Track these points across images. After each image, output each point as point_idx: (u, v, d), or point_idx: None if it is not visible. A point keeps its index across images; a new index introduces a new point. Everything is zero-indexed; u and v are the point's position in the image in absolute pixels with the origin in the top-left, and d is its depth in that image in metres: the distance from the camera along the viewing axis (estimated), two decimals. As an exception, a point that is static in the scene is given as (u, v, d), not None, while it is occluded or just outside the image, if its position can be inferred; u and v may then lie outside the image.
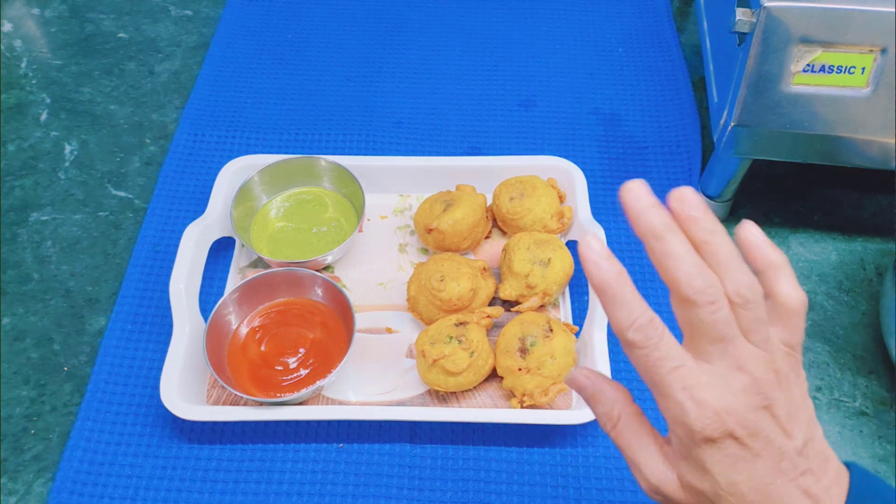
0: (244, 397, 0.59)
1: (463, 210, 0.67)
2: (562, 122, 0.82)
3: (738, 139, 0.63)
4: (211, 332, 0.61)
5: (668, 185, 0.76)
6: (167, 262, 0.68)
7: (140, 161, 0.79)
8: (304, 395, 0.59)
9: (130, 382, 0.63)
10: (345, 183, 0.72)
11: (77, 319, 0.67)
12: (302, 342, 0.62)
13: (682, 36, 0.91)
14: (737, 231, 0.37)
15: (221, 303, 0.62)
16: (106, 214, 0.75)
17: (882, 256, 0.71)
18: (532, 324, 0.60)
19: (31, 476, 0.59)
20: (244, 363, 0.62)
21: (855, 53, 0.57)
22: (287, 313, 0.65)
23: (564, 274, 0.64)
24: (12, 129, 0.81)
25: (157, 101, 0.85)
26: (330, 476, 0.58)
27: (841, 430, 0.61)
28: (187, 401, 0.58)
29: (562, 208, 0.69)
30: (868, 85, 0.58)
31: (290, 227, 0.71)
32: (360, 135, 0.80)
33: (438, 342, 0.59)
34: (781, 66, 0.58)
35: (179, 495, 0.57)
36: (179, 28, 0.92)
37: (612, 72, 0.87)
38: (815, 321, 0.67)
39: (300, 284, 0.65)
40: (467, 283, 0.62)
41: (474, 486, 0.57)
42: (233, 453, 0.59)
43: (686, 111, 0.81)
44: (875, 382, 0.63)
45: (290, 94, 0.84)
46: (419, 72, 0.87)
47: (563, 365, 0.59)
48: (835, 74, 0.58)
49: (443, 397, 0.61)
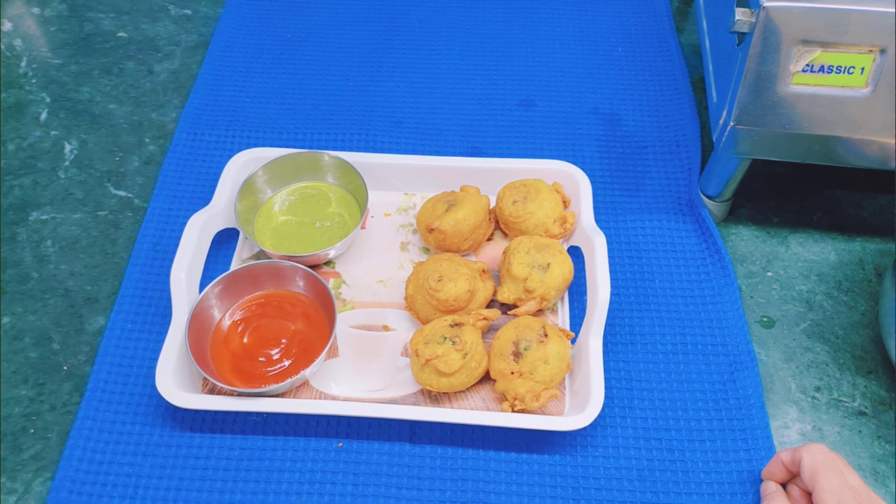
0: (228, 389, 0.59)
1: (465, 211, 0.67)
2: (562, 121, 0.82)
3: (738, 139, 0.63)
4: (193, 325, 0.61)
5: (667, 184, 0.76)
6: (167, 261, 0.68)
7: (139, 160, 0.79)
8: (288, 384, 0.59)
9: (130, 381, 0.63)
10: (349, 179, 0.72)
11: (76, 319, 0.67)
12: (284, 333, 0.63)
13: (682, 36, 0.91)
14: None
15: (203, 296, 0.63)
16: (105, 214, 0.75)
17: (881, 256, 0.71)
18: (527, 328, 0.60)
19: (31, 475, 0.59)
20: (227, 356, 0.62)
21: (854, 53, 0.57)
22: (268, 305, 0.65)
23: (563, 279, 0.64)
24: (12, 129, 0.81)
25: (156, 100, 0.85)
26: (329, 476, 0.58)
27: (840, 430, 0.61)
28: (183, 390, 0.59)
29: (565, 213, 0.69)
30: (867, 85, 0.58)
31: (294, 221, 0.71)
32: (360, 134, 0.80)
33: (432, 342, 0.59)
34: (781, 66, 0.58)
35: (179, 494, 0.57)
36: (179, 27, 0.92)
37: (612, 72, 0.87)
38: (814, 321, 0.67)
39: (282, 276, 0.66)
40: (465, 285, 0.62)
41: (473, 486, 0.57)
42: (231, 452, 0.59)
43: (686, 111, 0.81)
44: (874, 382, 0.63)
45: (290, 94, 0.84)
46: (419, 71, 0.87)
47: (556, 370, 0.59)
48: (834, 74, 0.58)
49: (435, 397, 0.61)
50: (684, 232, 0.72)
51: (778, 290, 0.69)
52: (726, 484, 0.57)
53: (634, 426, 0.60)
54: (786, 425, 0.61)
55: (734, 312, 0.66)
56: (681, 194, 0.75)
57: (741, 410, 0.61)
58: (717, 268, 0.69)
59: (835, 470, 0.51)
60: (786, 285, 0.69)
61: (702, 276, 0.69)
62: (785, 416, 0.61)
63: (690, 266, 0.69)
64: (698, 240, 0.71)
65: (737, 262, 0.71)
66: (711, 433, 0.60)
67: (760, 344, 0.66)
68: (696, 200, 0.73)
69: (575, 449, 0.59)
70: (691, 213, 0.73)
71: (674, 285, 0.68)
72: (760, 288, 0.69)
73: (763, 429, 0.60)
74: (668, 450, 0.59)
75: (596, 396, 0.57)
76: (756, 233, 0.73)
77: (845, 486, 0.50)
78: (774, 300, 0.68)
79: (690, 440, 0.59)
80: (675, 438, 0.59)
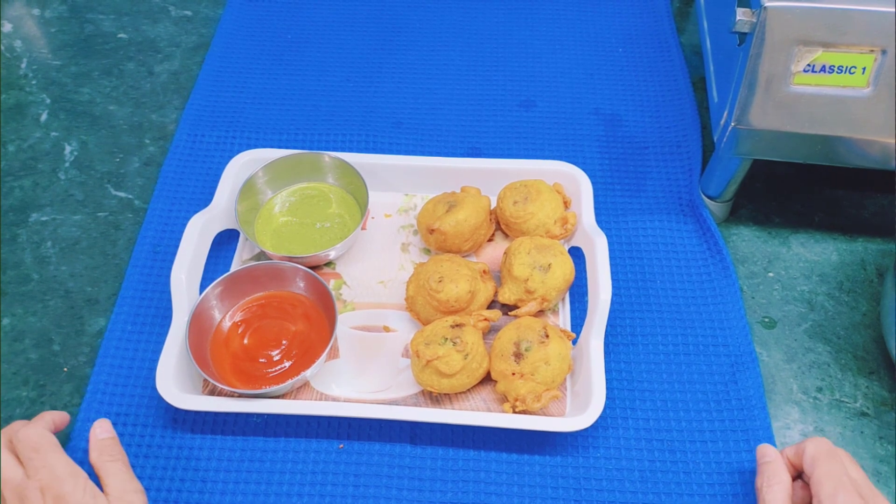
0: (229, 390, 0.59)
1: (466, 212, 0.67)
2: (562, 122, 0.81)
3: (739, 139, 0.63)
4: (193, 326, 0.61)
5: (668, 185, 0.76)
6: (167, 262, 0.68)
7: (140, 161, 0.79)
8: (289, 386, 0.59)
9: (130, 383, 0.63)
10: (350, 180, 0.72)
11: (76, 320, 0.67)
12: (284, 334, 0.63)
13: (682, 36, 0.91)
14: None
15: (203, 297, 0.63)
16: (105, 215, 0.75)
17: (883, 257, 0.71)
18: (528, 328, 0.60)
19: (31, 477, 0.59)
20: (227, 357, 0.62)
21: (855, 53, 0.57)
22: (269, 306, 0.65)
23: (564, 280, 0.63)
24: (12, 130, 0.81)
25: (156, 101, 0.85)
26: (330, 477, 0.58)
27: (842, 430, 0.61)
28: (183, 391, 0.58)
29: (566, 214, 0.69)
30: (868, 85, 0.58)
31: (294, 222, 0.71)
32: (360, 135, 0.80)
33: (433, 343, 0.59)
34: (782, 66, 0.58)
35: (180, 496, 0.57)
36: (179, 28, 0.92)
37: (612, 72, 0.86)
38: (815, 322, 0.67)
39: (282, 277, 0.65)
40: (466, 285, 0.62)
41: (474, 487, 0.57)
42: (232, 453, 0.59)
43: (686, 111, 0.81)
44: (876, 383, 0.63)
45: (290, 95, 0.84)
46: (419, 72, 0.87)
47: (557, 371, 0.58)
48: (835, 74, 0.58)
49: (436, 398, 0.61)
50: (685, 232, 0.72)
51: (779, 290, 0.69)
52: (728, 485, 0.57)
53: (636, 427, 0.60)
54: (787, 426, 0.61)
55: (735, 313, 0.66)
56: (682, 195, 0.74)
57: (743, 411, 0.61)
58: (718, 268, 0.69)
59: (836, 459, 0.50)
60: (787, 286, 0.69)
61: (703, 277, 0.69)
62: (787, 417, 0.61)
63: (692, 266, 0.69)
64: (699, 240, 0.71)
65: (738, 263, 0.71)
66: (713, 434, 0.60)
67: (762, 344, 0.65)
68: (697, 201, 0.73)
69: (576, 450, 0.59)
70: (692, 214, 0.73)
71: (675, 286, 0.68)
72: (762, 288, 0.69)
73: (765, 429, 0.60)
74: (669, 450, 0.59)
75: (597, 397, 0.57)
76: (757, 233, 0.73)
77: (845, 475, 0.49)
78: (776, 300, 0.68)
79: (692, 441, 0.59)
80: (677, 439, 0.59)
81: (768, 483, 0.51)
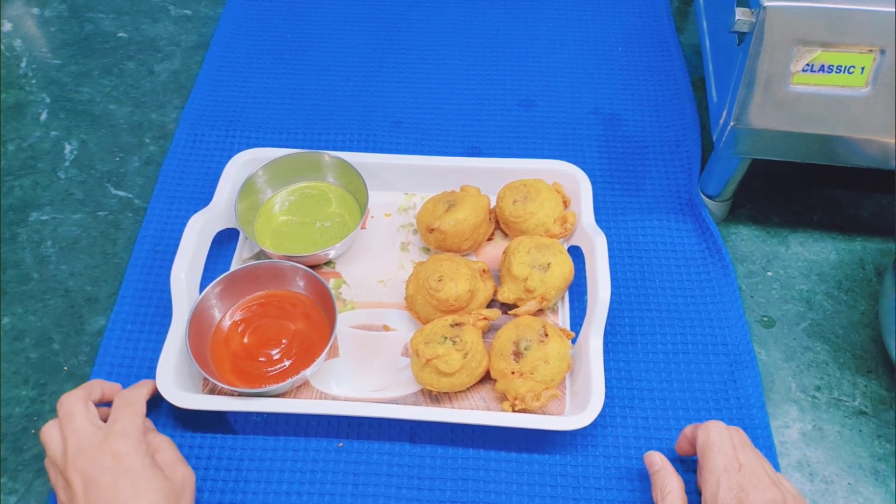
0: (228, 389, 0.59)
1: (465, 211, 0.67)
2: (562, 122, 0.82)
3: (738, 139, 0.63)
4: (193, 325, 0.61)
5: (668, 184, 0.76)
6: (167, 261, 0.68)
7: (140, 161, 0.79)
8: (288, 384, 0.59)
9: (130, 382, 0.62)
10: (349, 179, 0.72)
11: (76, 319, 0.67)
12: (284, 333, 0.63)
13: (682, 36, 0.91)
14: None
15: (203, 296, 0.63)
16: (105, 214, 0.75)
17: (881, 256, 0.71)
18: (527, 327, 0.60)
19: (31, 475, 0.59)
20: (227, 356, 0.62)
21: (854, 53, 0.57)
22: (269, 305, 0.65)
23: (563, 279, 0.64)
24: (12, 129, 0.81)
25: (156, 100, 0.85)
26: (329, 475, 0.58)
27: (840, 429, 0.61)
28: (183, 390, 0.59)
29: (565, 213, 0.69)
30: (867, 85, 0.58)
31: (294, 221, 0.71)
32: (360, 134, 0.80)
33: (433, 342, 0.59)
34: (781, 65, 0.58)
35: (179, 495, 0.57)
36: (179, 28, 0.93)
37: (612, 72, 0.87)
38: (814, 321, 0.67)
39: (282, 276, 0.66)
40: (465, 285, 0.62)
41: (474, 486, 0.57)
42: (232, 452, 0.59)
43: (686, 111, 0.81)
44: (874, 382, 0.63)
45: (290, 94, 0.84)
46: (419, 72, 0.87)
47: (557, 370, 0.59)
48: (834, 74, 0.58)
49: (436, 397, 0.61)
50: (684, 231, 0.72)
51: (778, 289, 0.69)
52: (727, 483, 0.57)
53: (635, 426, 0.60)
54: (786, 425, 0.61)
55: (734, 312, 0.66)
56: (681, 194, 0.75)
57: (742, 410, 0.61)
58: (717, 267, 0.69)
59: (722, 450, 0.50)
60: (786, 285, 0.69)
61: (702, 276, 0.69)
62: (785, 416, 0.61)
63: (691, 266, 0.69)
64: (698, 239, 0.71)
65: (737, 262, 0.71)
66: (712, 433, 0.60)
67: (761, 343, 0.66)
68: (696, 200, 0.73)
69: (575, 448, 0.59)
70: (691, 213, 0.73)
71: (674, 285, 0.68)
72: (761, 287, 0.69)
73: (763, 428, 0.60)
74: (668, 449, 0.59)
75: (596, 396, 0.57)
76: (756, 232, 0.73)
77: (731, 466, 0.49)
78: (774, 300, 0.68)
79: (691, 440, 0.59)
80: (676, 438, 0.59)
81: (661, 494, 0.52)
